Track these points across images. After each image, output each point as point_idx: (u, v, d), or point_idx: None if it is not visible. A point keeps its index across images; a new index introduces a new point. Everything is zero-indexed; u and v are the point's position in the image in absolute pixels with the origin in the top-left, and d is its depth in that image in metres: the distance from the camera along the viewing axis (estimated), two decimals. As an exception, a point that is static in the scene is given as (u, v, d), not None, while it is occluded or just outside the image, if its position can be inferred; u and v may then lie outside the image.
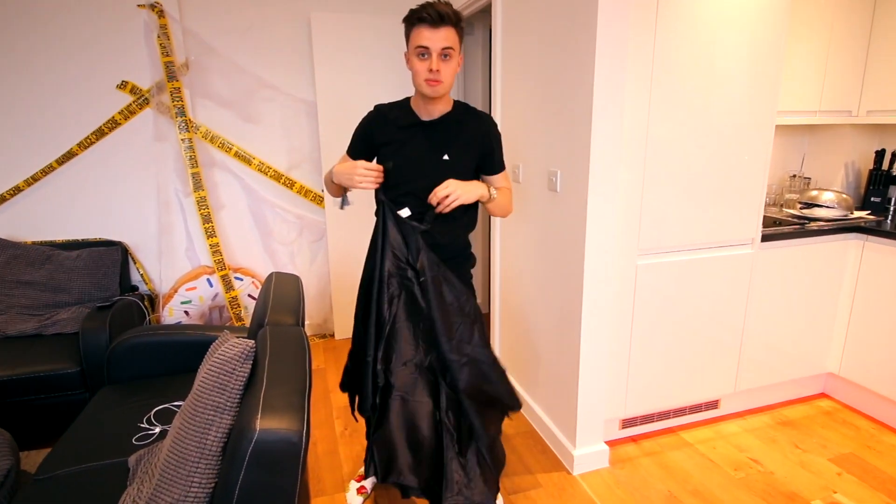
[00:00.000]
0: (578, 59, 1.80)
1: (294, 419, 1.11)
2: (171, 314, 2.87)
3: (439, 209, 1.51)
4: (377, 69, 3.05)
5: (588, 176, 1.81)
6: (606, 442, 2.13)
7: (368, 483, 1.98)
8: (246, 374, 1.28)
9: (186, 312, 2.89)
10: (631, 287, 2.05)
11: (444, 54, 1.42)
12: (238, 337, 1.64)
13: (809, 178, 2.86)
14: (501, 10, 2.37)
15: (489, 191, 1.59)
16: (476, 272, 3.69)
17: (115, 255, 2.75)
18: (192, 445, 1.21)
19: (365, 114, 1.68)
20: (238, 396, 1.27)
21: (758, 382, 2.39)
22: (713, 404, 2.37)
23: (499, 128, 1.68)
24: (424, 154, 1.56)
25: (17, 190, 2.70)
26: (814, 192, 2.56)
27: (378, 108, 1.66)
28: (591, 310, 1.92)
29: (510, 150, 2.39)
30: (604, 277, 1.91)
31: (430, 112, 1.56)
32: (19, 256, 2.60)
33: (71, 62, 2.66)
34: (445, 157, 1.55)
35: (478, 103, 3.46)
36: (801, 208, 2.57)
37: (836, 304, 2.45)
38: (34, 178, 2.71)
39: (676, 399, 2.27)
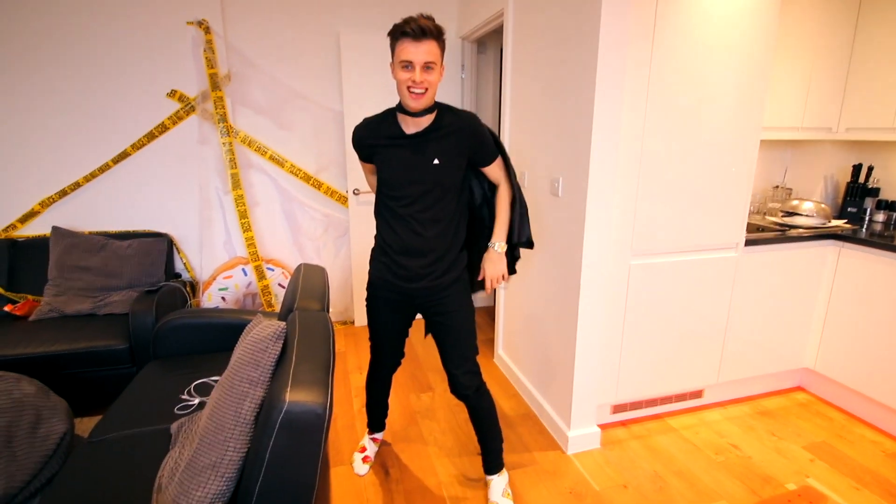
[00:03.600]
0: (581, 75, 1.80)
1: (319, 393, 1.13)
2: (210, 299, 2.91)
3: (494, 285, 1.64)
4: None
5: (587, 182, 1.81)
6: (598, 425, 2.12)
7: (370, 446, 2.02)
8: (277, 352, 1.30)
9: (223, 298, 2.92)
10: (624, 284, 2.05)
11: (427, 66, 1.39)
12: (270, 320, 1.66)
13: (791, 189, 2.83)
14: (512, 32, 2.37)
15: (502, 244, 1.64)
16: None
17: (162, 246, 2.80)
18: (229, 414, 1.24)
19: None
20: (270, 371, 1.29)
21: (739, 375, 2.38)
22: (697, 394, 2.36)
23: (502, 139, 1.70)
24: (416, 160, 1.52)
25: (76, 185, 2.75)
26: (794, 202, 2.53)
27: (362, 124, 1.62)
28: (587, 304, 1.92)
29: (519, 158, 2.39)
30: (599, 275, 1.91)
31: (417, 124, 1.51)
32: (78, 244, 2.65)
33: (127, 72, 2.70)
34: (436, 161, 1.51)
35: (488, 115, 3.46)
36: (782, 216, 2.54)
37: (813, 305, 2.42)
38: (92, 175, 2.76)
39: (664, 388, 2.26)
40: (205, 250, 3.02)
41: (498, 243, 1.64)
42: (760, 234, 2.30)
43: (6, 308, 2.54)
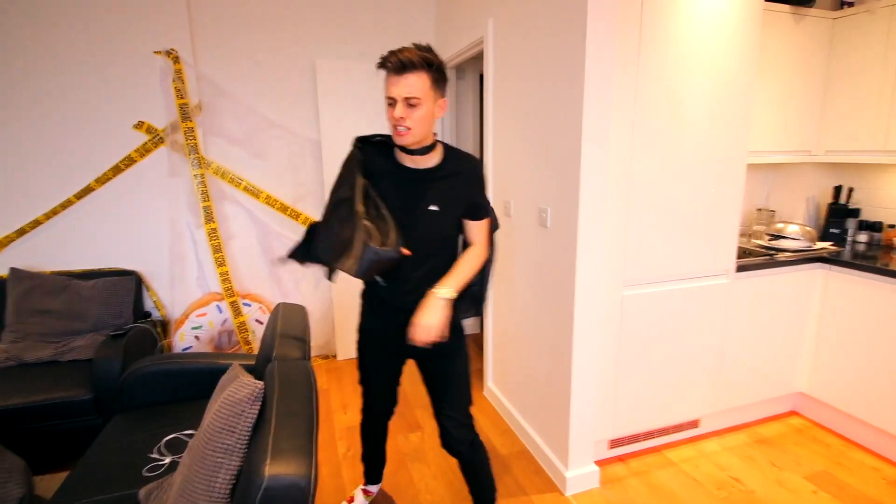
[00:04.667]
0: (567, 104, 1.76)
1: (302, 464, 1.02)
2: (183, 339, 2.75)
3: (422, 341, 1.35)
4: (375, 111, 3.00)
5: (578, 213, 1.76)
6: (596, 462, 2.04)
7: (359, 499, 1.91)
8: (254, 416, 1.19)
9: (197, 337, 2.77)
10: (618, 316, 2.00)
11: (410, 103, 1.26)
12: (246, 370, 1.55)
13: (774, 211, 2.84)
14: (493, 59, 2.34)
15: (441, 293, 1.37)
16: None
17: (130, 284, 2.65)
18: (201, 489, 1.12)
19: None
20: (247, 438, 1.18)
21: (734, 402, 2.33)
22: (694, 423, 2.30)
23: (485, 167, 1.62)
24: (411, 202, 1.38)
25: (36, 223, 2.60)
26: (780, 225, 2.54)
27: (362, 140, 1.45)
28: (581, 337, 1.86)
29: (503, 187, 2.34)
30: (593, 308, 1.85)
31: (415, 161, 1.38)
32: (38, 286, 2.49)
33: (91, 103, 2.58)
34: (433, 207, 1.38)
35: (469, 143, 3.43)
36: (768, 239, 2.54)
37: (803, 329, 2.41)
38: (53, 212, 2.61)
39: (660, 419, 2.20)
40: (176, 287, 2.87)
41: (443, 289, 1.37)
42: (750, 259, 2.29)
43: (-43, 359, 2.35)
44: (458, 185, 1.41)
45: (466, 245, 1.53)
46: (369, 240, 1.30)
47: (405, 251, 1.36)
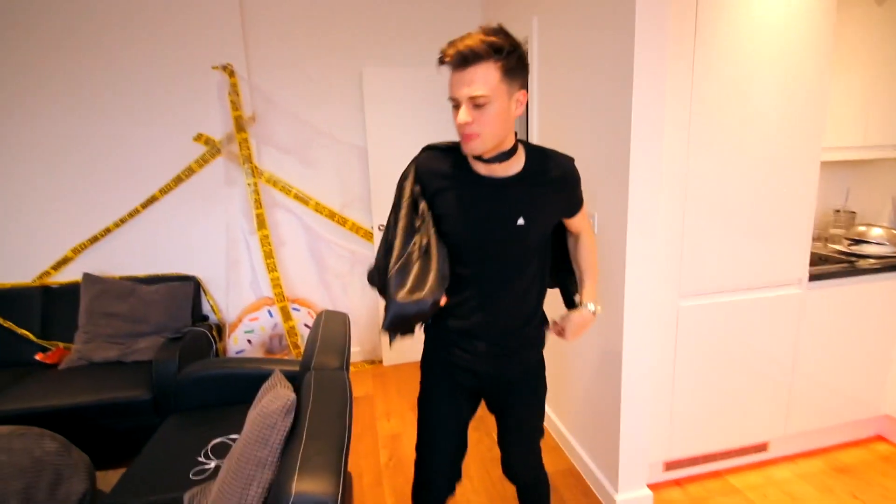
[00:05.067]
0: (613, 102, 1.65)
1: (329, 482, 1.00)
2: (236, 342, 2.85)
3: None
4: (421, 117, 2.98)
5: (626, 219, 1.64)
6: (649, 485, 1.90)
7: None
8: (287, 428, 1.18)
9: (249, 341, 2.86)
10: (673, 329, 1.85)
11: (477, 103, 1.00)
12: (289, 376, 1.55)
13: (855, 213, 2.56)
14: (538, 56, 2.25)
15: (594, 307, 1.29)
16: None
17: (189, 289, 2.77)
18: (234, 500, 1.11)
19: (411, 158, 1.24)
20: (279, 450, 1.17)
21: (809, 425, 2.10)
22: (761, 447, 2.09)
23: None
24: (491, 217, 1.13)
25: (107, 231, 2.77)
26: (861, 228, 2.27)
27: (428, 151, 1.21)
28: (631, 352, 1.73)
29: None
30: (645, 320, 1.72)
31: (494, 171, 1.12)
32: (107, 290, 2.64)
33: (155, 117, 2.73)
34: (521, 221, 1.13)
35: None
36: (848, 245, 2.28)
37: (892, 345, 2.13)
38: (121, 220, 2.77)
39: (722, 441, 2.02)
40: (231, 291, 2.97)
41: (593, 302, 1.30)
42: (827, 266, 2.05)
43: (37, 356, 2.54)
44: (550, 193, 1.16)
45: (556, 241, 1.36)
46: (397, 289, 1.11)
47: (443, 300, 1.15)
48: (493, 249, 1.16)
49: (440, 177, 1.16)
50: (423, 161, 1.19)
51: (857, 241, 2.25)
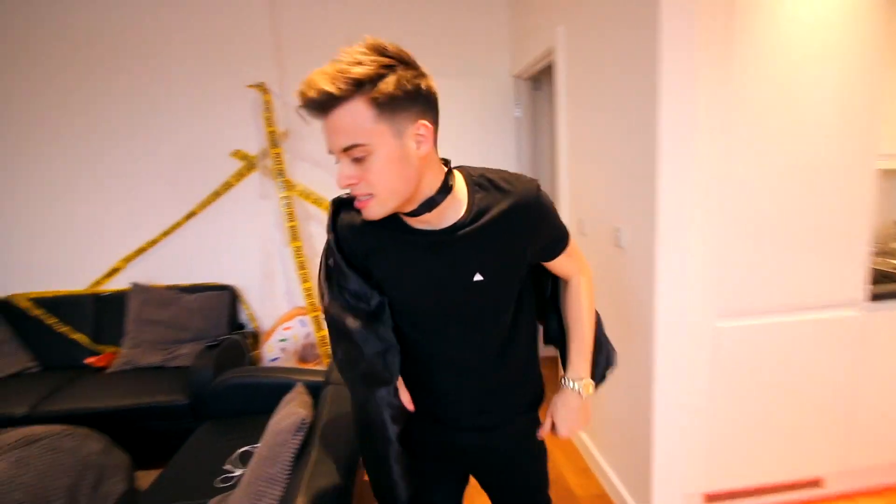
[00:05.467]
0: (639, 104, 1.56)
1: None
2: (271, 350, 2.91)
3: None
4: (450, 128, 2.95)
5: (655, 232, 1.54)
6: (686, 517, 1.77)
7: None
8: (297, 447, 1.18)
9: (283, 349, 2.91)
10: (710, 351, 1.72)
11: (355, 156, 0.75)
12: (307, 390, 1.56)
13: (923, 224, 2.32)
14: (563, 69, 2.18)
15: (584, 390, 1.02)
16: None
17: (226, 298, 2.86)
18: (242, 517, 1.12)
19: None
20: (289, 468, 1.17)
21: (871, 460, 1.90)
22: (815, 482, 1.91)
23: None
24: (439, 278, 0.88)
25: (153, 242, 2.91)
26: (931, 242, 2.05)
27: (345, 208, 0.92)
28: (663, 373, 1.62)
29: (576, 205, 2.16)
30: (677, 340, 1.61)
31: (429, 222, 0.86)
32: (152, 299, 2.77)
33: (195, 135, 2.86)
34: (478, 276, 0.88)
35: (544, 159, 3.25)
36: (916, 259, 2.06)
37: (969, 372, 1.90)
38: (165, 233, 2.91)
39: (770, 474, 1.85)
40: (266, 301, 3.05)
41: (579, 382, 1.02)
42: (889, 285, 1.86)
43: (88, 360, 2.69)
44: (508, 234, 0.88)
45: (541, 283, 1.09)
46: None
47: (404, 396, 0.94)
48: (451, 313, 0.92)
49: (368, 236, 0.89)
50: (342, 224, 0.91)
51: (927, 256, 2.03)
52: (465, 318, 0.92)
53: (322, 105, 0.72)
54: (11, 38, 2.67)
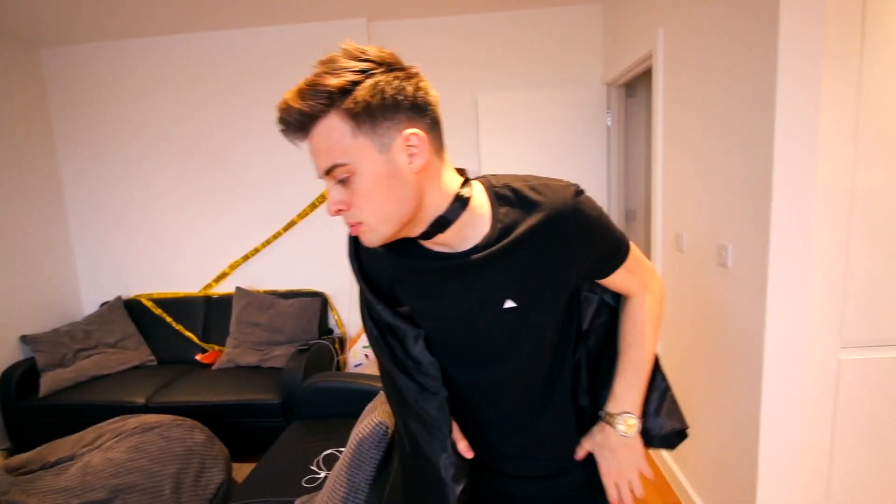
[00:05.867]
0: (753, 111, 1.43)
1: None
2: (355, 356, 3.02)
3: None
4: (534, 138, 2.92)
5: (767, 252, 1.39)
6: (800, 572, 1.56)
7: None
8: (379, 457, 1.20)
9: (367, 356, 3.01)
10: (832, 385, 1.51)
11: (337, 178, 0.66)
12: (386, 404, 1.58)
13: None
14: (662, 73, 2.06)
15: (626, 429, 0.86)
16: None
17: (317, 305, 3.02)
18: (326, 522, 1.15)
19: None
20: (371, 477, 1.19)
21: None
22: (968, 548, 1.60)
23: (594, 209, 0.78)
24: (467, 304, 0.78)
25: (256, 251, 3.16)
26: None
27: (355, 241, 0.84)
28: (772, 409, 1.45)
29: (673, 218, 2.02)
30: (791, 372, 1.43)
31: (449, 244, 0.75)
32: (252, 303, 2.99)
33: (296, 152, 3.05)
34: (509, 303, 0.76)
35: (637, 169, 3.08)
36: None
37: None
38: (267, 242, 3.14)
39: (905, 530, 1.59)
40: (354, 308, 3.17)
41: (623, 417, 0.86)
42: None
43: (197, 357, 2.95)
44: (544, 254, 0.75)
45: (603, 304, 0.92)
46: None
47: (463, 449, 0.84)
48: (484, 346, 0.81)
49: (387, 265, 0.80)
50: (363, 252, 0.83)
51: None
52: (500, 352, 0.81)
53: (299, 126, 0.64)
54: (139, 72, 3.05)
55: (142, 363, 2.96)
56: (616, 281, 0.85)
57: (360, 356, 3.00)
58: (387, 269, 0.80)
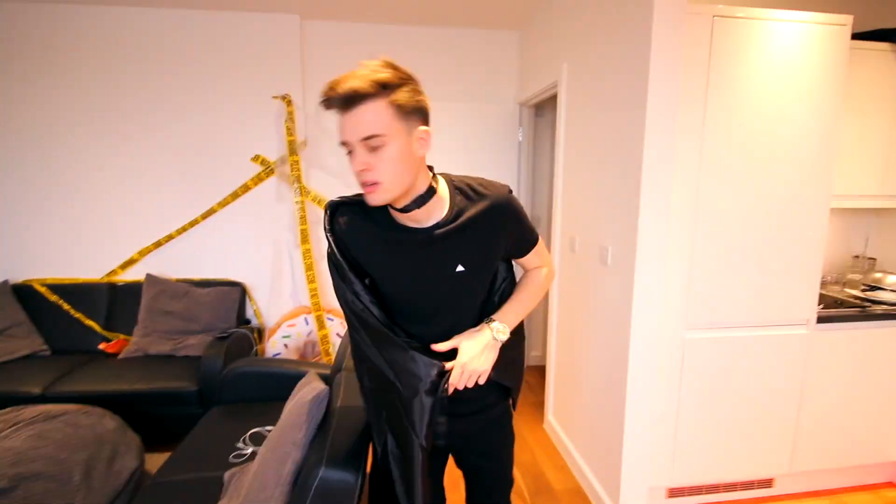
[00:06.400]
0: (628, 141, 1.80)
1: (352, 463, 1.15)
2: (274, 346, 3.06)
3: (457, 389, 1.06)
4: (460, 147, 3.19)
5: (636, 253, 1.77)
6: (652, 509, 1.97)
7: None
8: (320, 416, 1.35)
9: (286, 345, 3.07)
10: (678, 359, 1.94)
11: (372, 145, 0.89)
12: (320, 378, 1.73)
13: (875, 259, 2.58)
14: (565, 101, 2.42)
15: (499, 333, 1.09)
16: (535, 327, 3.59)
17: (236, 294, 3.02)
18: (271, 474, 1.28)
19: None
20: (312, 434, 1.34)
21: (816, 465, 2.12)
22: (767, 482, 2.12)
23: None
24: (428, 268, 1.04)
25: (170, 237, 3.07)
26: (877, 275, 2.30)
27: (342, 211, 1.06)
28: (636, 378, 1.83)
29: (569, 223, 2.38)
30: (650, 349, 1.82)
31: (418, 219, 1.01)
32: (165, 291, 2.92)
33: (218, 138, 3.05)
34: (460, 267, 1.04)
35: (545, 180, 3.49)
36: (863, 290, 2.31)
37: (905, 392, 2.14)
38: (183, 229, 3.07)
39: (727, 473, 2.06)
40: (273, 299, 3.21)
41: (500, 325, 1.09)
42: (835, 310, 2.10)
43: (100, 346, 2.82)
44: (486, 231, 1.04)
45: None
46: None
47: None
48: (436, 300, 1.07)
49: (363, 233, 1.04)
50: (339, 224, 1.05)
51: (873, 288, 2.29)
52: (446, 304, 1.08)
53: (349, 100, 0.88)
54: (43, 40, 2.85)
55: (33, 352, 2.75)
56: (527, 261, 1.20)
57: (280, 346, 3.05)
58: (361, 238, 1.04)
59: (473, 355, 1.04)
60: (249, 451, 1.85)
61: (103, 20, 2.86)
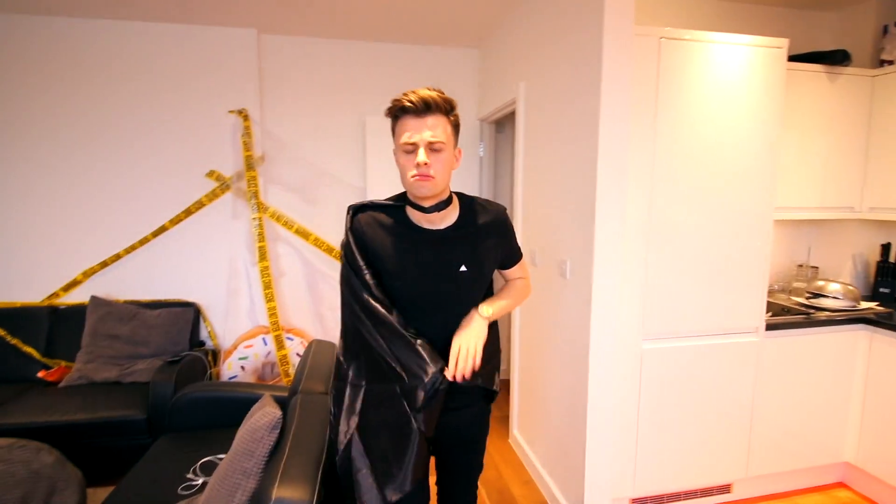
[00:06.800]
0: (584, 158, 1.84)
1: (306, 489, 1.11)
2: (230, 368, 2.94)
3: (463, 375, 1.18)
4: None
5: (592, 266, 1.79)
6: (616, 520, 1.97)
7: None
8: (272, 443, 1.29)
9: (243, 367, 2.95)
10: (636, 369, 1.97)
11: (433, 147, 1.12)
12: (278, 401, 1.66)
13: (817, 268, 2.71)
14: (524, 115, 2.47)
15: (483, 309, 1.25)
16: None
17: (189, 315, 2.89)
18: (219, 507, 1.21)
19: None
20: (263, 462, 1.28)
21: (771, 468, 2.18)
22: (725, 488, 2.17)
23: (514, 217, 1.49)
24: (436, 264, 1.20)
25: (117, 257, 2.92)
26: (820, 283, 2.42)
27: (363, 211, 1.26)
28: (596, 390, 1.84)
29: (529, 237, 2.41)
30: (608, 360, 1.84)
31: (431, 221, 1.21)
32: (112, 313, 2.76)
33: (172, 153, 2.94)
34: (463, 268, 1.21)
35: (506, 194, 3.53)
36: (808, 297, 2.43)
37: (848, 394, 2.24)
38: (132, 247, 2.92)
39: (687, 481, 2.09)
40: (229, 319, 3.09)
41: (487, 308, 1.26)
42: (782, 317, 2.19)
43: (39, 374, 2.63)
44: (487, 240, 1.25)
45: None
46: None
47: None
48: (439, 299, 1.22)
49: (381, 230, 1.21)
50: (360, 222, 1.23)
51: (816, 295, 2.40)
52: (447, 301, 1.23)
53: (429, 107, 1.12)
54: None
55: (-39, 383, 2.54)
56: (512, 273, 1.41)
57: (236, 368, 2.93)
58: (379, 233, 1.21)
59: (465, 331, 1.21)
60: (200, 481, 1.76)
61: (48, 31, 2.74)
